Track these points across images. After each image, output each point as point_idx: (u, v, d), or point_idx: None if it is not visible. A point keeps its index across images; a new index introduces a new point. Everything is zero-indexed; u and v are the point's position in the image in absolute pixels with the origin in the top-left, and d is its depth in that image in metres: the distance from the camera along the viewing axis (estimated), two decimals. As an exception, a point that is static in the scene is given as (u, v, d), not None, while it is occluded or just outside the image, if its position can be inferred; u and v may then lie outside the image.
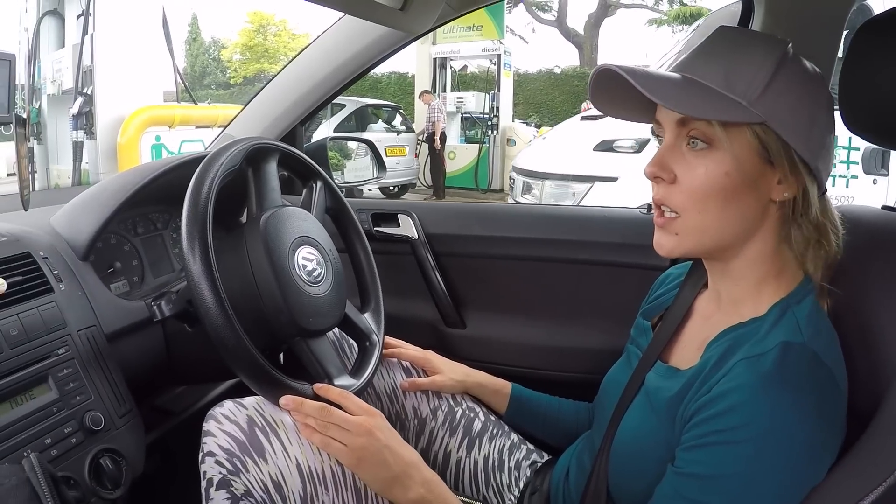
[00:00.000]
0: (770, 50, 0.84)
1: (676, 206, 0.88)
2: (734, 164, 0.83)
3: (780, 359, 0.78)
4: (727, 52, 0.86)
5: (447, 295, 1.80)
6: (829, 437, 0.78)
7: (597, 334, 1.66)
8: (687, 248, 0.90)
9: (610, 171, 4.66)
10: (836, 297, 0.90)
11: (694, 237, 0.88)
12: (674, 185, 0.87)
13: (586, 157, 4.84)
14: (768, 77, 0.82)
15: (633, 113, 0.96)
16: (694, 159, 0.85)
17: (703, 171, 0.84)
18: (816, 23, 1.38)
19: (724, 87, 0.83)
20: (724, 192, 0.84)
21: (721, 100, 0.82)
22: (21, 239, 1.18)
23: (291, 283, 1.16)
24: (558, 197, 4.85)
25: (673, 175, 0.87)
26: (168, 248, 1.60)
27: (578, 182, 4.79)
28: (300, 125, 1.90)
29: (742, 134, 0.83)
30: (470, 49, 13.14)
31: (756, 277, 0.90)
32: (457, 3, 1.62)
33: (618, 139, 4.73)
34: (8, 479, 0.79)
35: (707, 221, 0.86)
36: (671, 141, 0.88)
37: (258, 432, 1.05)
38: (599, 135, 4.90)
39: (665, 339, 1.03)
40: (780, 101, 0.82)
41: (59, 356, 1.11)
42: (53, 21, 6.39)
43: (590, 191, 4.72)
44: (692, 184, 0.85)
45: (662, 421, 0.90)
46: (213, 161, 1.13)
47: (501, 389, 1.38)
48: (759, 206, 0.86)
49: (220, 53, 33.33)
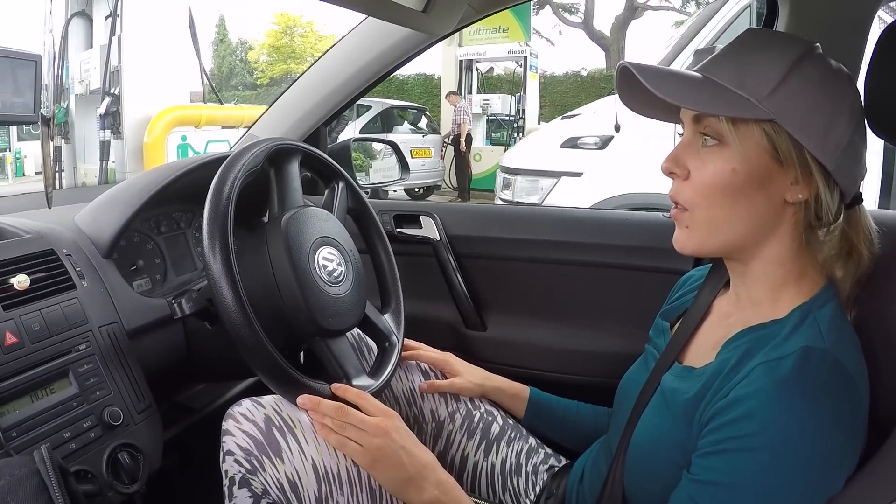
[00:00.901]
0: (789, 50, 0.84)
1: (686, 201, 0.89)
2: (742, 161, 0.83)
3: (801, 364, 0.77)
4: (746, 52, 0.87)
5: (468, 297, 1.80)
6: (849, 446, 0.77)
7: (617, 338, 1.65)
8: (698, 242, 0.91)
9: (575, 166, 4.88)
10: (862, 304, 0.89)
11: (703, 231, 0.89)
12: (686, 180, 0.89)
13: (554, 154, 5.07)
14: (781, 76, 0.81)
15: (658, 111, 0.97)
16: (706, 155, 0.87)
17: (712, 167, 0.85)
18: (841, 24, 1.37)
19: (737, 84, 0.83)
20: (731, 188, 0.84)
21: (731, 97, 0.82)
22: (45, 236, 1.20)
23: (312, 283, 1.17)
24: (528, 191, 5.08)
25: (686, 171, 0.89)
26: (191, 247, 1.61)
27: (546, 177, 5.01)
28: (323, 126, 1.91)
29: (751, 131, 0.82)
30: (496, 51, 13.15)
31: (776, 280, 0.89)
32: (479, 5, 1.62)
33: (582, 136, 4.93)
34: (18, 470, 0.80)
35: (715, 216, 0.87)
36: (688, 138, 0.90)
37: (275, 432, 1.05)
38: (567, 132, 5.14)
39: (683, 339, 1.02)
40: (793, 100, 0.81)
41: (80, 352, 1.12)
42: (81, 22, 6.48)
43: (556, 185, 4.93)
44: (701, 179, 0.87)
45: (678, 423, 0.89)
46: (236, 161, 1.14)
47: (519, 394, 1.37)
48: (771, 205, 0.85)
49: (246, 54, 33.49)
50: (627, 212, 1.81)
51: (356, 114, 11.48)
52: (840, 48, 1.34)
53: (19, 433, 0.99)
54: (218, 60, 33.23)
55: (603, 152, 4.78)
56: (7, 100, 1.15)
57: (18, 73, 1.17)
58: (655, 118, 1.00)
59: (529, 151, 5.56)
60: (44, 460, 0.82)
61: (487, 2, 1.63)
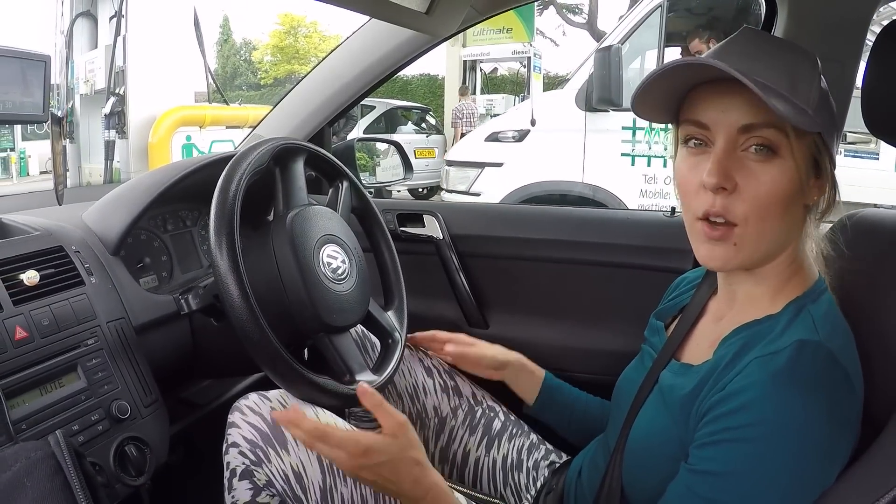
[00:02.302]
0: (807, 57, 0.85)
1: (738, 216, 0.84)
2: (796, 172, 0.83)
3: (795, 357, 0.78)
4: (782, 56, 0.85)
5: (471, 295, 1.81)
6: (841, 439, 0.79)
7: (619, 336, 1.66)
8: (742, 259, 0.87)
9: (497, 157, 5.53)
10: (856, 300, 0.90)
11: (752, 246, 0.86)
12: (734, 194, 0.84)
13: (479, 147, 5.73)
14: (821, 87, 0.83)
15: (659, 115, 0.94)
16: (757, 166, 0.83)
17: (769, 179, 0.82)
18: (839, 26, 1.37)
19: (791, 92, 0.81)
20: (785, 200, 0.83)
21: (794, 106, 0.80)
22: (54, 233, 1.21)
23: (316, 280, 1.18)
24: (460, 181, 5.74)
25: (734, 183, 0.83)
26: (196, 245, 1.62)
27: (473, 168, 5.67)
28: (328, 126, 1.92)
29: (804, 142, 0.83)
30: (500, 51, 13.12)
31: (779, 278, 0.90)
32: (482, 7, 1.63)
33: (502, 130, 5.59)
34: (34, 453, 0.82)
35: (767, 229, 0.85)
36: (729, 148, 0.84)
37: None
38: (490, 128, 5.87)
39: (679, 337, 1.03)
40: (828, 112, 0.84)
41: (89, 346, 1.14)
42: (86, 22, 6.49)
43: (480, 175, 5.58)
44: (757, 192, 0.83)
45: (676, 418, 0.90)
46: (241, 160, 1.16)
47: (536, 372, 1.35)
48: (800, 211, 0.87)
49: (251, 55, 33.46)
50: (628, 211, 1.82)
51: (360, 114, 11.47)
52: (838, 49, 1.35)
53: (29, 425, 1.01)
54: (222, 61, 33.19)
55: (520, 145, 5.36)
56: (17, 99, 1.17)
57: (28, 74, 1.18)
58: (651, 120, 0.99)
59: (462, 146, 6.32)
60: (59, 443, 0.83)
61: (490, 3, 1.64)
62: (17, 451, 0.82)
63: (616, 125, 4.92)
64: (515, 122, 5.54)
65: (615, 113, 4.81)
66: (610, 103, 4.34)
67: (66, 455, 0.82)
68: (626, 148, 4.95)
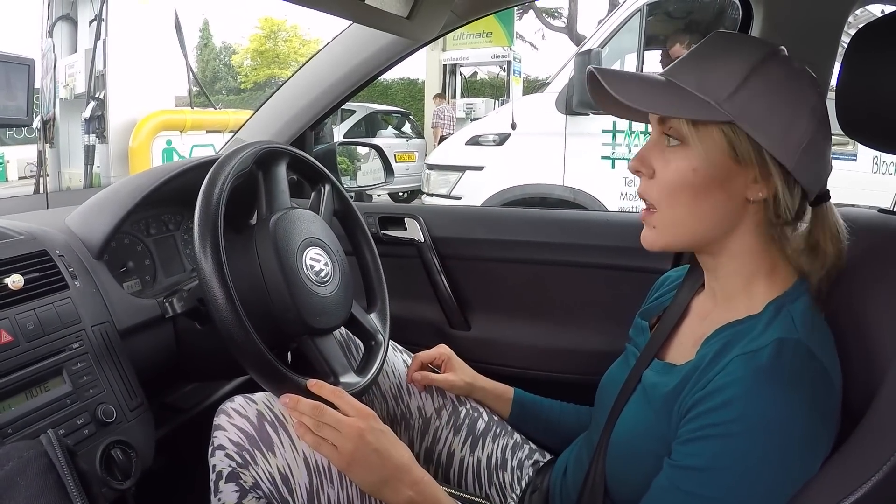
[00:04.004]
0: (751, 53, 0.87)
1: (653, 200, 0.93)
2: (702, 161, 0.87)
3: (775, 354, 0.80)
4: (709, 56, 0.90)
5: (452, 297, 1.83)
6: (823, 431, 0.81)
7: (599, 336, 1.68)
8: (666, 241, 0.95)
9: (477, 161, 5.51)
10: (834, 298, 0.92)
11: (670, 230, 0.93)
12: (652, 179, 0.93)
13: (460, 151, 5.70)
14: (741, 78, 0.84)
15: (630, 112, 0.99)
16: (669, 155, 0.90)
17: (674, 167, 0.89)
18: (814, 29, 1.40)
19: (697, 87, 0.86)
20: (692, 188, 0.88)
21: (691, 99, 0.86)
22: (38, 237, 1.21)
23: (299, 283, 1.19)
24: (441, 184, 5.74)
25: (652, 170, 0.92)
26: (179, 249, 1.62)
27: (454, 171, 5.66)
28: (309, 130, 1.93)
29: (710, 133, 0.86)
30: (480, 55, 13.16)
31: (745, 274, 0.93)
32: (462, 12, 1.65)
33: (483, 134, 5.58)
34: (26, 452, 0.82)
35: (679, 215, 0.91)
36: (654, 138, 0.93)
37: (267, 426, 1.08)
38: (471, 131, 5.81)
39: (662, 337, 1.05)
40: (753, 102, 0.84)
41: (74, 350, 1.14)
42: (66, 26, 6.45)
43: (461, 178, 5.58)
44: (664, 178, 0.91)
45: (659, 416, 0.92)
46: (225, 164, 1.16)
47: (503, 395, 1.39)
48: (732, 203, 0.89)
49: (230, 59, 33.32)
50: (608, 212, 1.85)
51: (340, 118, 11.45)
52: (813, 51, 1.38)
53: (15, 430, 1.01)
54: (202, 65, 33.01)
55: (501, 148, 5.41)
56: (0, 103, 1.17)
57: (11, 77, 1.18)
58: (627, 118, 1.05)
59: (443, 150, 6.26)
60: (51, 442, 0.84)
61: (470, 8, 1.66)
62: (9, 450, 0.83)
63: (596, 128, 4.94)
64: (496, 125, 5.56)
65: (595, 116, 4.82)
66: (590, 107, 4.37)
67: (58, 453, 0.82)
68: (607, 151, 4.95)
